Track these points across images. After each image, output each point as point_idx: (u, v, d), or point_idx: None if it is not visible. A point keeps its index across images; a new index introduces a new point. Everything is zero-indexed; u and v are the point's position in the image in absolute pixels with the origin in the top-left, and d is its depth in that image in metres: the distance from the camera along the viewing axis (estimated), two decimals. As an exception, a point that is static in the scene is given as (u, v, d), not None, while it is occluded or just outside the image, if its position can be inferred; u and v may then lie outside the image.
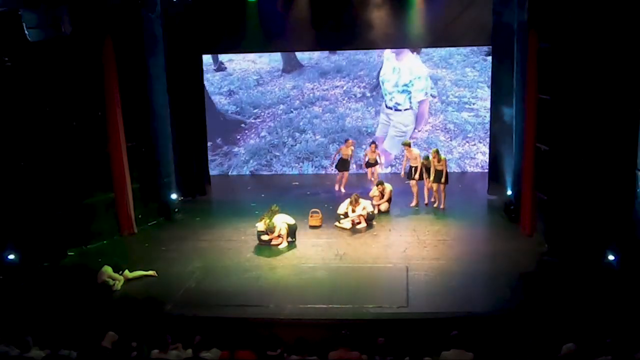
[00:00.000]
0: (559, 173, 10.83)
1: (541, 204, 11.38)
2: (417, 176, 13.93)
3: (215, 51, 16.41)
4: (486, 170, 15.04)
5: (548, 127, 10.99)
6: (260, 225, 11.85)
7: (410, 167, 14.17)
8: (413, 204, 14.03)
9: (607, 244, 10.10)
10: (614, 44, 9.82)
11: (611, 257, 9.99)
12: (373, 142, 15.48)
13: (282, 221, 11.83)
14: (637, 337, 7.38)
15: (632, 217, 9.85)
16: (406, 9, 14.25)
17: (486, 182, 14.56)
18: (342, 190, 15.12)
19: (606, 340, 7.10)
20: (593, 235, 10.35)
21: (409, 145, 14.36)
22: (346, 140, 15.52)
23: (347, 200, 12.85)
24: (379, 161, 15.35)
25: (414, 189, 14.07)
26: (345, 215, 12.70)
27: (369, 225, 12.70)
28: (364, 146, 16.37)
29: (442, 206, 13.74)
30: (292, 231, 11.93)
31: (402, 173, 14.91)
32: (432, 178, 13.70)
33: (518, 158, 12.44)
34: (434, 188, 13.82)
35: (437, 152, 13.70)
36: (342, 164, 15.31)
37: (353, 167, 16.16)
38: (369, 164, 15.28)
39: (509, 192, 13.19)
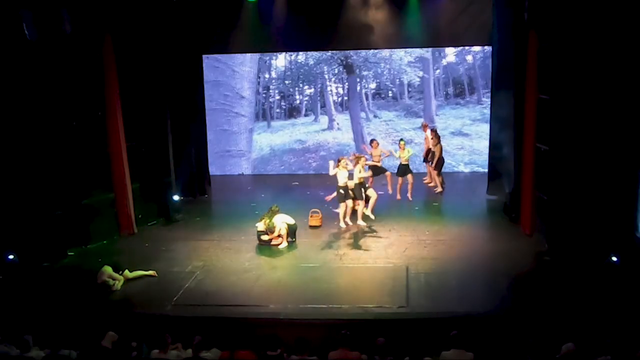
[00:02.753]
0: (559, 173, 10.84)
1: (541, 204, 11.38)
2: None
3: (215, 51, 16.40)
4: (486, 170, 15.03)
5: (548, 127, 10.99)
6: (260, 225, 11.85)
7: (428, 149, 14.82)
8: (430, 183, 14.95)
9: (608, 244, 10.09)
10: (615, 43, 9.81)
11: (614, 258, 9.98)
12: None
13: (282, 221, 11.83)
14: (637, 337, 7.38)
15: (633, 217, 9.86)
16: (406, 9, 14.24)
17: (486, 182, 14.56)
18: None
19: (606, 341, 7.09)
20: (593, 235, 10.35)
21: (426, 126, 15.00)
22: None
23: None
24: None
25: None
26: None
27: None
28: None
29: (437, 190, 14.49)
30: (292, 231, 11.94)
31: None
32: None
33: (518, 158, 12.44)
34: (429, 171, 14.59)
35: (434, 133, 14.52)
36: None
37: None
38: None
39: (509, 192, 13.18)
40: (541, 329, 8.20)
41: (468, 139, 16.99)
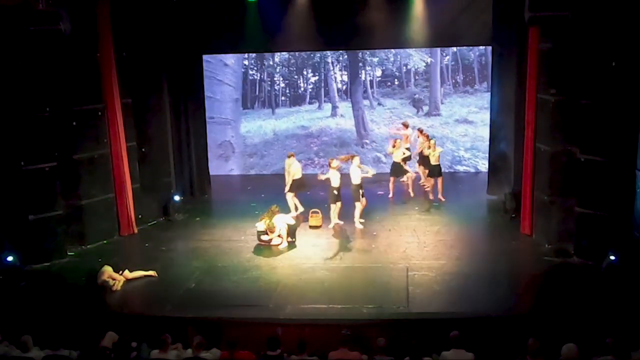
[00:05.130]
0: (560, 173, 10.84)
1: (541, 204, 11.38)
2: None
3: (215, 51, 16.37)
4: (486, 170, 15.02)
5: (549, 125, 11.00)
6: (260, 225, 11.85)
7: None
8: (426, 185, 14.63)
9: (607, 244, 10.09)
10: (615, 42, 9.81)
11: (612, 257, 9.99)
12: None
13: (282, 221, 11.84)
14: (637, 337, 7.38)
15: (632, 216, 9.86)
16: (406, 8, 14.22)
17: (486, 182, 14.55)
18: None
19: (606, 340, 7.09)
20: (593, 235, 10.35)
21: (421, 131, 14.79)
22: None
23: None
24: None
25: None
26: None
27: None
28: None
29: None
30: (292, 231, 11.94)
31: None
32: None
33: (518, 158, 12.44)
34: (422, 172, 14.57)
35: (426, 137, 14.40)
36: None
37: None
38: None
39: (509, 192, 13.17)
40: (541, 329, 8.19)
41: (472, 126, 16.80)
